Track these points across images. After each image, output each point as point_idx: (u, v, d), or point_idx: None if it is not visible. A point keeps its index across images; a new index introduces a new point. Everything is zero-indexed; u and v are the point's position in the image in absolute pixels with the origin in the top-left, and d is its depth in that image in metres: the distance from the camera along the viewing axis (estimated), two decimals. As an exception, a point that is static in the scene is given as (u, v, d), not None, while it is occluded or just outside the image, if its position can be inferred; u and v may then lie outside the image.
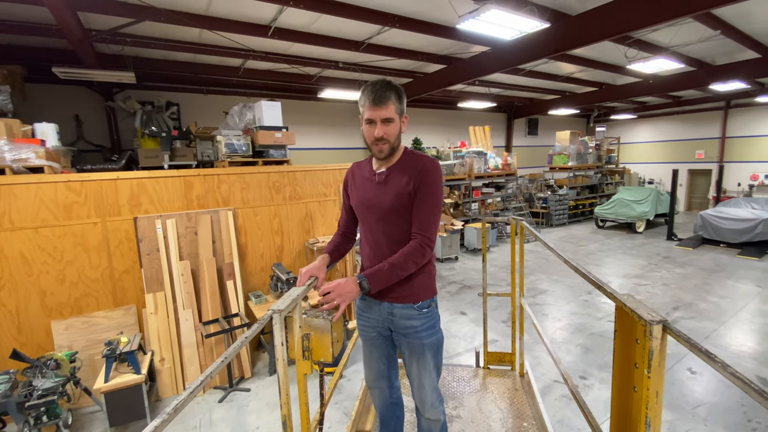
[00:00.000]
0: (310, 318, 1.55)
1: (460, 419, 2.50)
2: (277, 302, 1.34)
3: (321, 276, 1.67)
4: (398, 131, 1.64)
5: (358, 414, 2.53)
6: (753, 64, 8.17)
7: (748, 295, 6.11)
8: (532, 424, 2.44)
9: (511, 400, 2.67)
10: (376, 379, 1.92)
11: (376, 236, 1.71)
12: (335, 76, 8.58)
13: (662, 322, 1.03)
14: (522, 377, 2.93)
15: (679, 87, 9.97)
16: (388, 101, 1.56)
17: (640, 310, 1.09)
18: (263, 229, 4.68)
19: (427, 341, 1.71)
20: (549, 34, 5.80)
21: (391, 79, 1.68)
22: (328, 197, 5.15)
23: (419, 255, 1.60)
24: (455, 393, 2.77)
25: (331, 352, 1.55)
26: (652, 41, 7.26)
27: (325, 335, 1.54)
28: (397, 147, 1.68)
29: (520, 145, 14.76)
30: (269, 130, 4.77)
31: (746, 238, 8.86)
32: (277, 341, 1.30)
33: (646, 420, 1.08)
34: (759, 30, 6.88)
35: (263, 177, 4.64)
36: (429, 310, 1.72)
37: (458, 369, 3.07)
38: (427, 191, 1.60)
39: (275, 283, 4.37)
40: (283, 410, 1.33)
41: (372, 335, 1.84)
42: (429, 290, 1.73)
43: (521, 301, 2.86)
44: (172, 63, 7.01)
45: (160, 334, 3.89)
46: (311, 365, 1.54)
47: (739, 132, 13.64)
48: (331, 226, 5.19)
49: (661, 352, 1.04)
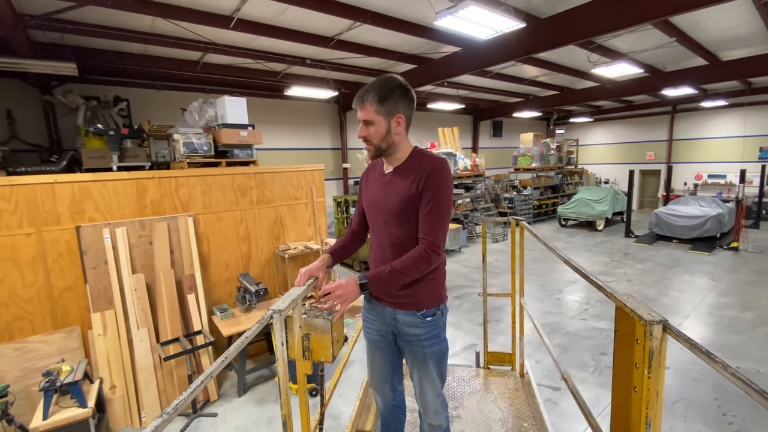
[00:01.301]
0: (310, 318, 1.54)
1: (460, 419, 2.51)
2: (277, 302, 1.32)
3: (321, 276, 1.66)
4: (383, 132, 1.57)
5: (358, 414, 2.52)
6: (701, 71, 8.73)
7: (705, 289, 6.45)
8: (533, 424, 2.44)
9: (511, 400, 2.68)
10: (379, 382, 1.91)
11: (381, 239, 1.70)
12: (303, 73, 8.24)
13: (662, 322, 1.02)
14: (522, 377, 2.93)
15: (633, 92, 10.50)
16: (365, 102, 1.55)
17: (640, 310, 1.08)
18: (228, 236, 4.30)
19: (429, 350, 1.68)
20: (520, 36, 5.82)
21: (389, 77, 1.59)
22: (300, 200, 4.85)
23: (424, 261, 1.54)
24: (455, 393, 2.78)
25: (331, 352, 1.53)
26: (613, 47, 7.55)
27: (325, 335, 1.52)
28: (387, 149, 1.62)
29: (486, 147, 15.03)
30: (233, 128, 4.40)
31: (696, 234, 9.45)
32: (277, 341, 1.29)
33: (647, 420, 1.07)
34: (707, 38, 7.33)
35: (227, 179, 4.27)
36: (433, 319, 1.67)
37: (458, 369, 3.08)
38: (432, 194, 1.54)
39: (243, 295, 4.01)
40: (283, 410, 1.30)
41: (376, 338, 1.82)
42: (434, 298, 1.67)
43: (521, 301, 2.84)
44: (120, 54, 6.39)
45: (111, 358, 3.43)
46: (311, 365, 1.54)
47: (684, 135, 14.66)
48: (303, 232, 4.89)
49: (662, 353, 1.03)
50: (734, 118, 13.37)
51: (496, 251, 9.42)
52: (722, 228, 9.43)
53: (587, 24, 5.23)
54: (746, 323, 5.09)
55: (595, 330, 5.07)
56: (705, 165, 14.18)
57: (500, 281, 7.12)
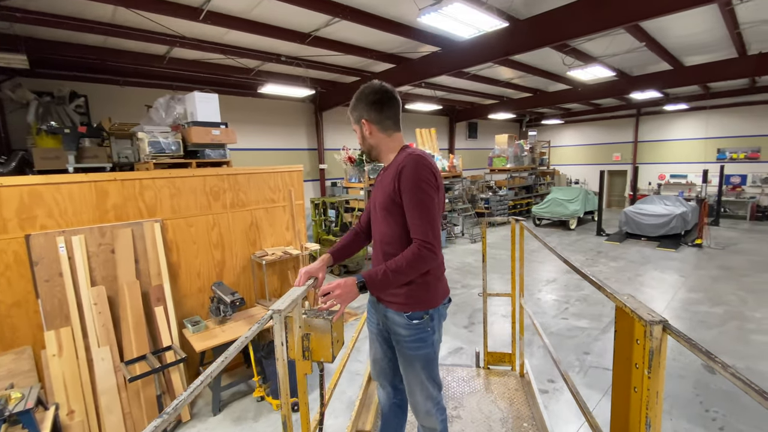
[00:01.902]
0: (310, 318, 1.53)
1: (460, 419, 2.50)
2: (277, 302, 1.31)
3: (321, 276, 1.66)
4: (360, 138, 1.72)
5: (358, 414, 2.50)
6: (667, 75, 9.10)
7: (675, 285, 6.68)
8: (533, 424, 2.44)
9: (511, 400, 2.69)
10: (379, 376, 1.95)
11: (375, 237, 1.78)
12: (277, 70, 7.96)
13: (662, 322, 1.02)
14: (522, 377, 2.93)
15: (602, 95, 10.85)
16: (348, 114, 1.76)
17: (640, 310, 1.08)
18: (199, 242, 4.01)
19: (413, 353, 1.68)
20: (500, 36, 5.83)
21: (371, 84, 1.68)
22: (277, 203, 4.60)
23: (417, 260, 1.52)
24: (455, 393, 2.77)
25: (331, 352, 1.52)
26: (587, 51, 7.72)
27: (325, 335, 1.52)
28: (369, 151, 1.75)
29: (462, 148, 15.15)
30: (204, 126, 4.12)
31: (663, 232, 9.85)
32: (277, 341, 1.29)
33: (647, 420, 1.07)
34: (673, 44, 7.63)
35: (198, 181, 3.98)
36: (420, 322, 1.65)
37: (458, 369, 3.08)
38: (409, 190, 1.53)
39: (216, 306, 3.74)
40: (283, 410, 1.30)
41: (374, 331, 1.89)
42: (422, 302, 1.66)
43: (521, 301, 2.84)
44: (77, 47, 5.92)
45: (67, 380, 3.09)
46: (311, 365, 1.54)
47: (648, 137, 15.33)
48: (281, 236, 4.65)
49: (661, 353, 1.03)
50: (694, 121, 14.10)
51: (475, 251, 9.45)
52: (686, 226, 9.88)
53: (565, 26, 5.29)
54: (717, 318, 5.28)
55: (576, 329, 5.11)
56: (667, 165, 14.88)
57: (480, 281, 7.10)
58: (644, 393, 1.07)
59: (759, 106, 12.59)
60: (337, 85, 9.46)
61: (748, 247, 9.27)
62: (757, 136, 12.84)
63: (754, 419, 3.22)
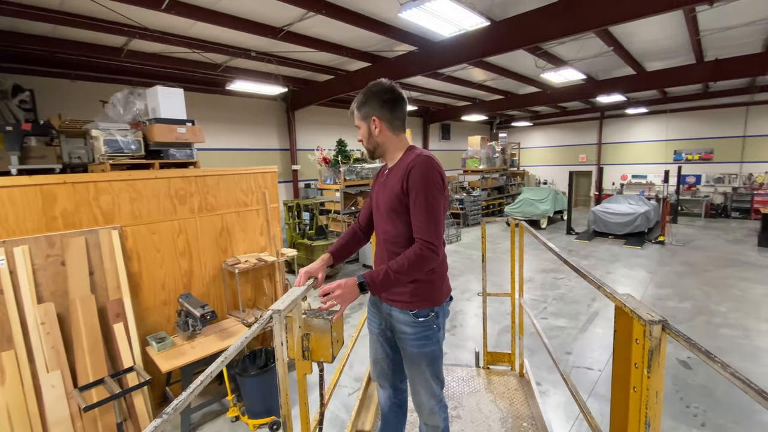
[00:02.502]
0: (310, 318, 1.53)
1: (460, 419, 2.51)
2: (277, 302, 1.32)
3: (320, 276, 1.66)
4: (366, 135, 1.71)
5: (358, 414, 2.49)
6: (630, 80, 9.47)
7: (644, 282, 6.92)
8: (532, 424, 2.44)
9: (510, 400, 2.69)
10: (379, 377, 1.95)
11: (378, 236, 1.77)
12: (247, 66, 7.60)
13: (662, 322, 1.02)
14: (522, 377, 2.94)
15: (570, 98, 11.18)
16: (352, 112, 1.74)
17: (639, 310, 1.09)
18: (164, 251, 3.67)
19: (418, 351, 1.69)
20: (478, 37, 5.80)
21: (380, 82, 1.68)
22: (250, 207, 4.32)
23: (420, 260, 1.52)
24: (455, 393, 2.77)
25: (330, 353, 1.52)
26: (557, 54, 7.88)
27: (325, 335, 1.52)
28: (373, 149, 1.74)
29: (436, 149, 15.21)
30: (169, 123, 3.78)
31: (629, 230, 10.25)
32: (276, 341, 1.29)
33: (646, 420, 1.07)
34: (637, 49, 7.93)
35: (162, 184, 3.65)
36: (426, 320, 1.68)
37: (458, 369, 3.09)
38: (417, 191, 1.55)
39: (184, 320, 3.42)
40: (283, 410, 1.30)
41: (375, 331, 1.88)
42: (427, 300, 1.68)
43: (521, 301, 2.85)
44: (21, 36, 5.35)
45: (11, 411, 2.70)
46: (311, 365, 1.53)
47: (611, 139, 16.00)
48: (254, 242, 4.37)
49: (661, 352, 1.04)
50: (653, 124, 14.85)
51: (452, 252, 9.44)
52: (649, 224, 10.33)
53: (541, 28, 5.32)
54: (686, 313, 5.48)
55: (556, 329, 5.13)
56: (629, 166, 15.59)
57: (459, 283, 7.07)
58: (644, 393, 1.06)
59: (711, 110, 13.42)
60: (310, 83, 9.18)
61: (705, 243, 9.81)
62: (710, 138, 13.68)
63: (732, 414, 3.30)
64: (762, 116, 12.66)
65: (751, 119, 12.83)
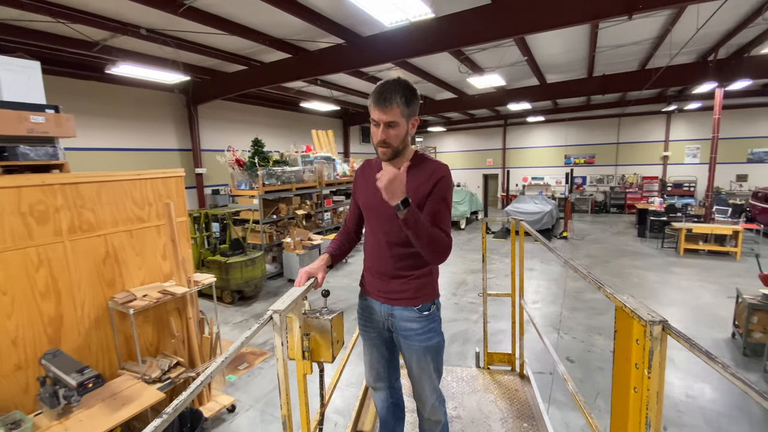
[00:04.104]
0: (311, 318, 1.52)
1: (460, 420, 2.52)
2: (277, 302, 1.29)
3: (321, 276, 1.63)
4: (404, 135, 1.57)
5: (358, 414, 2.51)
6: (535, 90, 10.28)
7: (561, 276, 7.42)
8: (533, 424, 2.45)
9: (511, 400, 2.70)
10: (376, 380, 1.94)
11: (379, 238, 1.72)
12: (135, 48, 6.21)
13: (662, 322, 1.02)
14: (522, 377, 2.96)
15: (483, 105, 11.78)
16: (392, 104, 1.48)
17: (640, 310, 1.08)
18: (14, 292, 2.53)
19: (425, 344, 1.70)
20: (409, 34, 5.52)
21: (403, 78, 1.54)
22: (147, 223, 3.32)
23: (442, 243, 1.52)
24: (455, 393, 2.79)
25: (331, 353, 1.51)
26: (477, 61, 8.10)
27: (326, 335, 1.51)
28: (402, 150, 1.61)
29: (357, 153, 14.84)
30: (16, 109, 2.64)
31: (538, 228, 11.10)
32: (277, 341, 1.26)
33: (647, 420, 1.06)
34: (543, 61, 8.56)
35: (7, 196, 2.52)
36: (430, 313, 1.72)
37: (458, 369, 3.10)
38: (440, 199, 1.58)
39: (52, 391, 2.37)
40: (283, 410, 1.26)
41: (372, 335, 1.85)
42: (430, 293, 1.72)
43: (521, 301, 2.86)
44: None
45: None
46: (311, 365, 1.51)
47: (514, 144, 17.49)
48: (155, 269, 3.37)
49: (662, 353, 1.03)
50: (548, 132, 16.63)
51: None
52: (553, 220, 11.37)
53: (473, 30, 5.23)
54: (604, 304, 5.92)
55: (500, 332, 5.08)
56: (530, 169, 17.22)
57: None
58: (644, 393, 1.06)
59: (593, 120, 15.52)
60: (217, 74, 7.97)
61: (597, 236, 11.13)
62: (593, 144, 15.81)
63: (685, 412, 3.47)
64: (630, 126, 15.05)
65: (622, 129, 15.16)
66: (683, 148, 14.43)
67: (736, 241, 8.12)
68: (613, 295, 1.22)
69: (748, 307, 4.18)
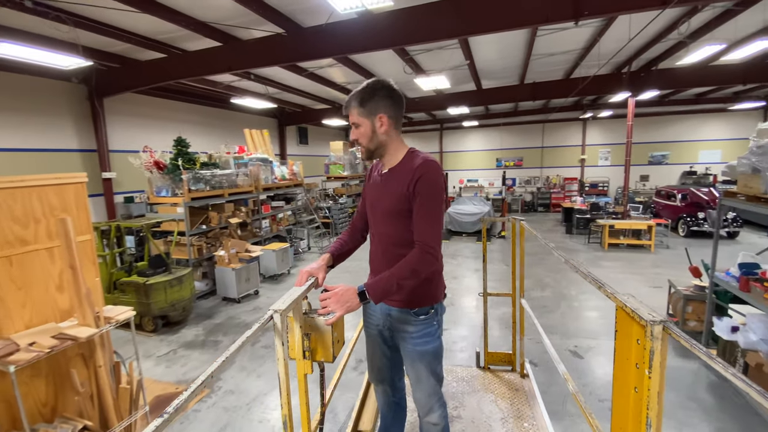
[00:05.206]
0: (311, 318, 1.50)
1: (461, 420, 2.52)
2: (278, 302, 1.27)
3: (321, 276, 1.63)
4: (369, 133, 1.60)
5: (358, 414, 2.49)
6: (472, 94, 10.55)
7: (507, 274, 7.56)
8: (533, 424, 2.45)
9: (511, 400, 2.71)
10: (378, 377, 1.96)
11: (377, 237, 1.73)
12: (15, 24, 4.99)
13: (663, 322, 1.01)
14: (522, 378, 2.96)
15: (424, 108, 11.84)
16: (350, 107, 1.60)
17: (640, 310, 1.07)
18: None
19: (421, 348, 1.71)
20: (358, 26, 5.15)
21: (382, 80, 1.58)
22: (34, 244, 2.51)
23: (421, 263, 1.51)
24: (456, 393, 2.79)
25: (331, 352, 1.50)
26: (420, 63, 8.01)
27: (326, 335, 1.50)
28: (380, 149, 1.65)
29: (294, 154, 14.05)
30: None
31: (477, 228, 11.43)
32: (277, 341, 1.24)
33: (647, 421, 1.05)
34: (481, 66, 8.74)
35: None
36: (427, 317, 1.70)
37: (458, 369, 3.11)
38: (424, 196, 1.54)
39: None
40: (284, 410, 1.25)
41: (373, 333, 1.86)
42: (428, 297, 1.70)
43: (521, 301, 2.85)
44: None
45: None
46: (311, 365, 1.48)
47: (451, 148, 18.03)
48: (47, 305, 2.57)
49: (662, 353, 1.02)
50: (481, 136, 17.41)
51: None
52: (491, 221, 11.79)
53: (433, 25, 5.01)
54: (551, 301, 6.11)
55: (461, 339, 4.93)
56: (465, 172, 17.87)
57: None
58: (645, 393, 1.06)
59: (520, 125, 16.58)
60: (128, 61, 6.80)
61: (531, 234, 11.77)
62: (521, 148, 16.89)
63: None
64: (553, 132, 16.36)
65: (546, 134, 16.39)
66: (597, 152, 16.04)
67: (650, 235, 9.07)
68: (614, 295, 1.21)
69: (683, 298, 4.50)
